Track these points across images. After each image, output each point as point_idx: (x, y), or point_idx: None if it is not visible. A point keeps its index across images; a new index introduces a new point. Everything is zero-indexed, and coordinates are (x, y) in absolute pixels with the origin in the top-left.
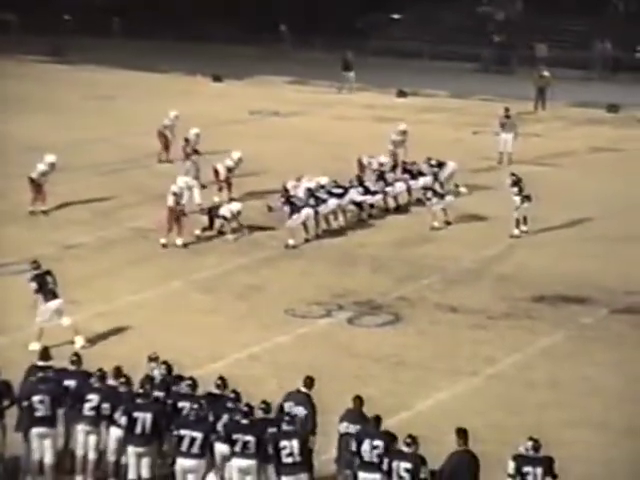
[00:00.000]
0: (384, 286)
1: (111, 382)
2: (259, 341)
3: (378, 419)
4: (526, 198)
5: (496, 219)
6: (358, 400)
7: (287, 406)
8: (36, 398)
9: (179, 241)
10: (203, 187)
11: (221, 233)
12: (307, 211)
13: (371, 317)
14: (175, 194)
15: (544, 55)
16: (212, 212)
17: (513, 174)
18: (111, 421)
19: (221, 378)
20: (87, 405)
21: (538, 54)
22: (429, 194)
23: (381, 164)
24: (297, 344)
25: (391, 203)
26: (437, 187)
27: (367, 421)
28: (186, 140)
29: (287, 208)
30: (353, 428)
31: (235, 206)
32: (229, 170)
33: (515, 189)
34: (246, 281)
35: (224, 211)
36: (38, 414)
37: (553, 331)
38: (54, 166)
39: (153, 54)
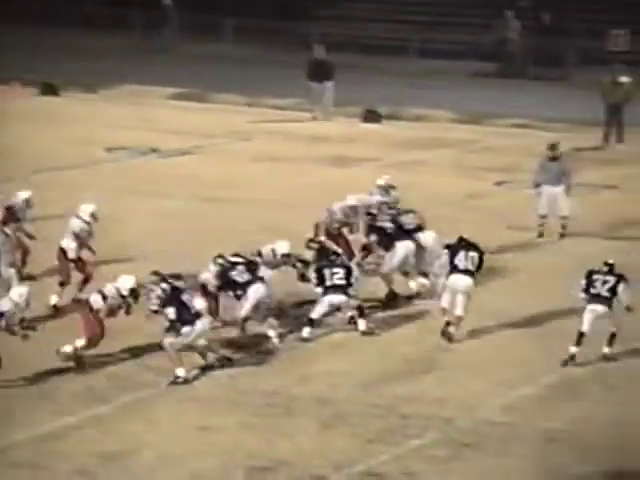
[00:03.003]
0: (342, 452)
1: None
2: None
3: None
4: (596, 298)
5: (541, 330)
6: None
7: None
8: None
9: None
10: (30, 278)
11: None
12: (202, 323)
13: None
14: None
15: (621, 48)
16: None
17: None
18: None
19: None
20: None
21: (612, 46)
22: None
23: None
24: None
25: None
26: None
27: None
28: (8, 209)
29: (172, 312)
30: None
31: (125, 282)
32: (81, 243)
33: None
34: (97, 446)
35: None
36: None
37: None
38: None
39: None
